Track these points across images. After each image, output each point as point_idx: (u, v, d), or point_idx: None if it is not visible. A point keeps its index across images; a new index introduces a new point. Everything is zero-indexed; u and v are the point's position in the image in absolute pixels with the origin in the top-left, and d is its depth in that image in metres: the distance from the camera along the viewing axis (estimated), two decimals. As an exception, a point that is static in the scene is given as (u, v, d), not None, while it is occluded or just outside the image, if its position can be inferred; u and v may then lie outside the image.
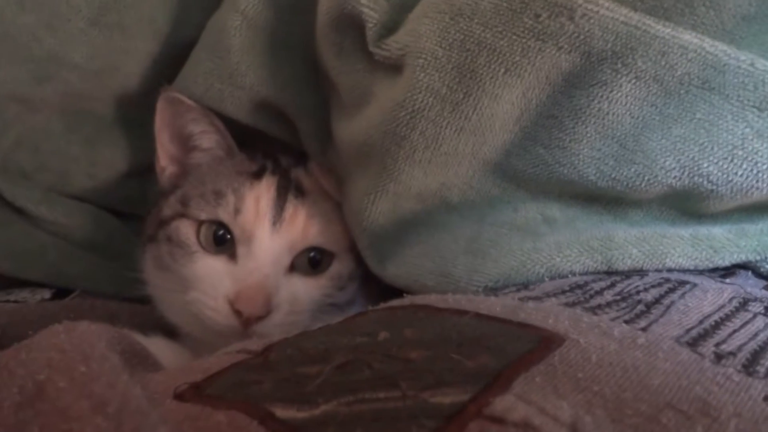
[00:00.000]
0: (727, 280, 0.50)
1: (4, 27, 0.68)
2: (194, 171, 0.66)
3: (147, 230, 0.66)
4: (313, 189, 0.64)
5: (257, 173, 0.63)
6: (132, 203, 0.78)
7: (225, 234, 0.61)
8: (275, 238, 0.60)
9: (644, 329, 0.39)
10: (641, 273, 0.49)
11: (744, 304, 0.45)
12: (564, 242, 0.50)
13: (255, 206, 0.60)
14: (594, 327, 0.38)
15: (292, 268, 0.61)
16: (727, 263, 0.50)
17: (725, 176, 0.48)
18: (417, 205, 0.55)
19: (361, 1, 0.52)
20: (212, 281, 0.59)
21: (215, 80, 0.63)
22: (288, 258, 0.60)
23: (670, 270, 0.50)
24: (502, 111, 0.49)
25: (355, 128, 0.56)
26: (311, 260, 0.62)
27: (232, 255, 0.60)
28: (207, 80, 0.64)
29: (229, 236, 0.60)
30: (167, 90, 0.64)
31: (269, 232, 0.60)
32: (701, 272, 0.50)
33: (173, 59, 0.69)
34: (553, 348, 0.35)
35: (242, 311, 0.57)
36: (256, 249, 0.59)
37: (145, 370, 0.41)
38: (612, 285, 0.47)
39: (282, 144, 0.67)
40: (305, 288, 0.61)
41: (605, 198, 0.53)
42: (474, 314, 0.39)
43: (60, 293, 0.73)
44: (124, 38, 0.70)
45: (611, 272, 0.49)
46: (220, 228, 0.61)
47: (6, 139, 0.73)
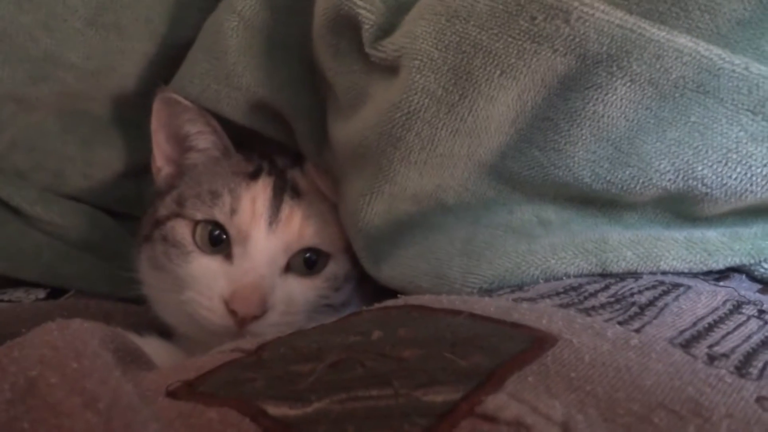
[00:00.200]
0: (721, 283, 0.50)
1: (1, 27, 0.68)
2: (190, 171, 0.66)
3: (142, 230, 0.66)
4: (309, 190, 0.64)
5: (253, 174, 0.63)
6: (128, 203, 0.78)
7: (221, 234, 0.61)
8: (271, 239, 0.60)
9: (638, 330, 0.39)
10: (636, 275, 0.49)
11: (738, 307, 0.45)
12: (559, 244, 0.50)
13: (251, 207, 0.60)
14: (587, 328, 0.38)
15: (288, 269, 0.61)
16: (721, 266, 0.50)
17: (719, 179, 0.48)
18: (412, 207, 0.55)
19: (358, 3, 0.52)
20: (208, 281, 0.59)
21: (212, 81, 0.63)
22: (284, 258, 0.60)
23: (665, 273, 0.50)
24: (498, 113, 0.49)
25: (351, 129, 0.56)
26: (307, 261, 0.62)
27: (228, 255, 0.60)
28: (203, 81, 0.64)
29: (225, 236, 0.60)
30: (164, 90, 0.64)
31: (265, 233, 0.60)
32: (695, 275, 0.50)
33: (170, 60, 0.69)
34: (546, 348, 0.35)
35: (237, 311, 0.57)
36: (252, 249, 0.59)
37: (139, 369, 0.40)
38: (606, 287, 0.47)
39: (278, 145, 0.67)
40: (301, 288, 0.61)
41: (600, 200, 0.53)
42: (468, 314, 0.39)
43: (55, 293, 0.73)
44: (121, 39, 0.70)
45: (606, 274, 0.49)
46: (216, 228, 0.61)
47: (1, 139, 0.73)
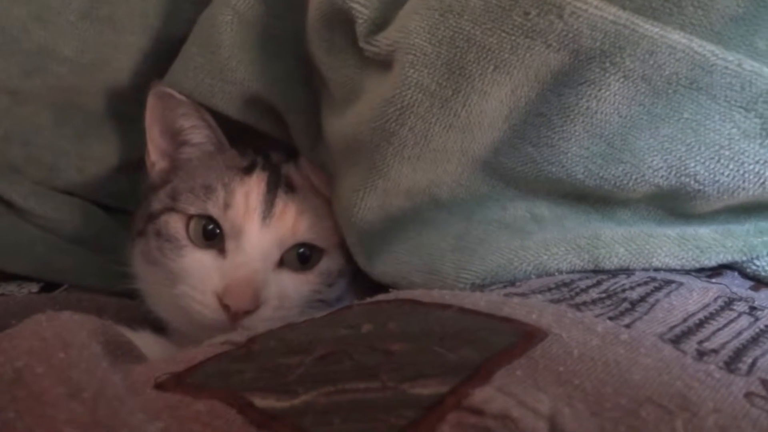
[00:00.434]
0: (713, 280, 0.50)
1: None
2: (184, 166, 0.66)
3: (136, 224, 0.66)
4: (304, 185, 0.64)
5: (248, 168, 0.63)
6: (121, 198, 0.78)
7: (214, 228, 0.61)
8: (264, 233, 0.60)
9: (628, 326, 0.39)
10: (628, 272, 0.49)
11: (729, 304, 0.45)
12: (551, 240, 0.50)
13: (245, 201, 0.60)
14: (578, 323, 0.38)
15: (282, 264, 0.61)
16: (714, 263, 0.50)
17: (712, 176, 0.48)
18: (406, 202, 0.55)
19: None
20: (201, 275, 0.59)
21: (206, 75, 0.63)
22: (277, 253, 0.60)
23: (657, 269, 0.50)
24: (491, 108, 0.49)
25: (345, 124, 0.56)
26: (300, 256, 0.61)
27: (221, 250, 0.60)
28: (197, 75, 0.64)
29: (219, 231, 0.60)
30: (158, 85, 0.64)
31: (259, 227, 0.60)
32: (688, 272, 0.50)
33: (164, 54, 0.69)
34: (536, 342, 0.35)
35: (230, 305, 0.57)
36: (246, 244, 0.59)
37: (129, 362, 0.40)
38: (598, 283, 0.47)
39: (273, 140, 0.67)
40: (294, 284, 0.61)
41: (593, 197, 0.53)
42: (458, 308, 0.39)
43: (48, 287, 0.73)
44: (115, 32, 0.70)
45: (598, 271, 0.49)
46: (210, 222, 0.61)
47: (-5, 132, 0.73)
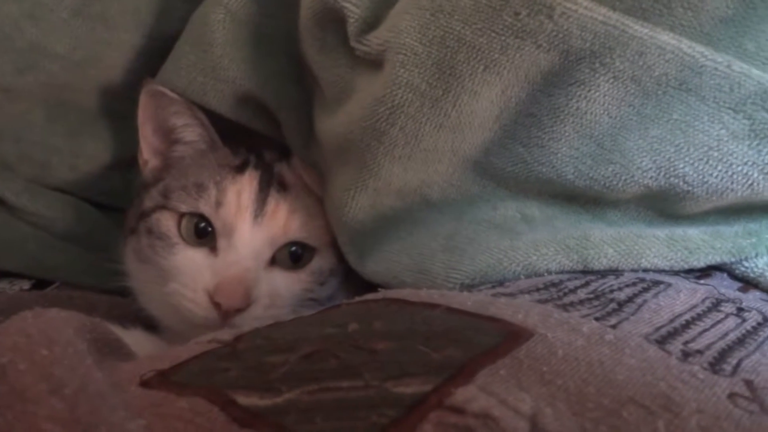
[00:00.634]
0: (702, 281, 0.50)
1: None
2: (177, 164, 0.65)
3: (128, 222, 0.66)
4: (296, 184, 0.64)
5: (240, 167, 0.63)
6: (114, 195, 0.78)
7: (206, 227, 0.61)
8: (256, 232, 0.60)
9: (614, 326, 0.39)
10: (617, 272, 0.49)
11: (716, 305, 0.45)
12: (541, 241, 0.50)
13: (237, 200, 0.60)
14: (563, 323, 0.38)
15: (273, 262, 0.61)
16: (702, 264, 0.51)
17: (700, 177, 0.48)
18: (397, 202, 0.55)
19: None
20: (192, 273, 0.59)
21: (198, 73, 0.63)
22: (269, 252, 0.60)
23: (646, 270, 0.50)
24: (482, 108, 0.49)
25: (336, 123, 0.56)
26: (292, 255, 0.61)
27: (213, 248, 0.60)
28: (190, 73, 0.64)
29: (210, 229, 0.60)
30: (150, 83, 0.64)
31: (250, 226, 0.60)
32: (677, 273, 0.51)
33: (157, 52, 0.69)
34: (521, 342, 0.35)
35: (221, 303, 0.57)
36: (237, 242, 0.59)
37: (118, 360, 0.40)
38: (586, 284, 0.47)
39: (266, 139, 0.67)
40: (286, 282, 0.61)
41: (584, 197, 0.53)
42: (445, 308, 0.39)
43: (39, 284, 0.73)
44: (108, 29, 0.70)
45: (587, 271, 0.49)
46: (202, 221, 0.61)
47: (-13, 130, 0.73)
